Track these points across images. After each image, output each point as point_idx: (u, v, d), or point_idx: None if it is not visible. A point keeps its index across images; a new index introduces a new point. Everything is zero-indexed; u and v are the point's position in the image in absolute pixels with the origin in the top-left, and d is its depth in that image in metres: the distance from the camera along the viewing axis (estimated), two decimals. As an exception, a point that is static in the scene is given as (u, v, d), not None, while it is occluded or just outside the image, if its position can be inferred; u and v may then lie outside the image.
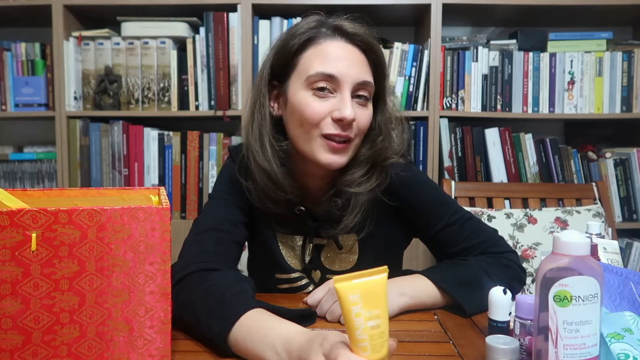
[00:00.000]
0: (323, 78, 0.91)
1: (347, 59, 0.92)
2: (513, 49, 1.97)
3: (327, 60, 0.91)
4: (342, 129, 0.92)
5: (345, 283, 0.52)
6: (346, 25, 0.93)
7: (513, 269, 1.00)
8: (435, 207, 1.03)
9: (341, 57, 0.92)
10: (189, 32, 1.98)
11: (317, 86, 0.91)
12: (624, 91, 1.96)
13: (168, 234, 0.66)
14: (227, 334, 0.72)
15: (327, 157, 0.93)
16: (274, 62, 0.96)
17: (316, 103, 0.91)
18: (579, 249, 0.59)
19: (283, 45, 0.95)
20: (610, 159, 2.00)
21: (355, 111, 0.92)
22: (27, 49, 2.01)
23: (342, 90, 0.91)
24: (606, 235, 1.62)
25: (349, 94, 0.91)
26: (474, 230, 1.03)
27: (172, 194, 1.97)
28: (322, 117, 0.91)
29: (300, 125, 0.93)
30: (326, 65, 0.91)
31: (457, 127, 1.96)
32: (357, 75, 0.92)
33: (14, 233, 0.61)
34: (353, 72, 0.92)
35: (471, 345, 0.77)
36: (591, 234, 0.96)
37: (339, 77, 0.91)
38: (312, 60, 0.92)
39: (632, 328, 0.65)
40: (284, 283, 1.06)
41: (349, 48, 0.93)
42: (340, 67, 0.91)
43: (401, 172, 1.01)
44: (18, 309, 0.62)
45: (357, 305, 0.52)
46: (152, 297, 0.66)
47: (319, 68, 0.91)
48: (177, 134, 1.97)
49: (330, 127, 0.91)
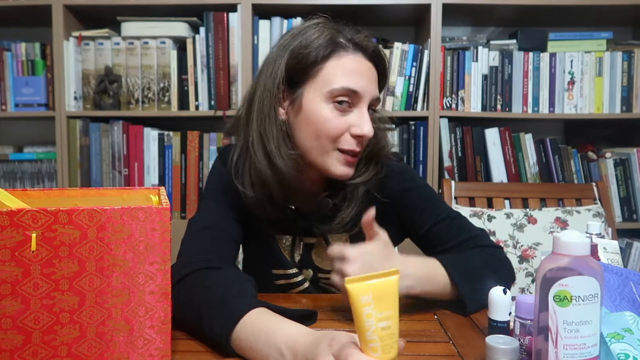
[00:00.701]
0: (346, 93, 0.92)
1: (367, 75, 0.94)
2: (513, 49, 1.97)
3: (351, 76, 0.92)
4: (359, 145, 0.94)
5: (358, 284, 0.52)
6: (363, 41, 0.95)
7: (506, 263, 1.02)
8: (425, 204, 1.05)
9: (363, 73, 0.94)
10: (189, 32, 1.98)
11: (338, 100, 0.92)
12: (624, 91, 1.96)
13: (168, 234, 0.66)
14: (230, 334, 0.72)
15: (341, 169, 0.94)
16: (290, 67, 0.94)
17: (337, 118, 0.92)
18: (579, 249, 0.59)
19: (301, 52, 0.93)
20: (610, 159, 2.00)
21: None
22: (27, 49, 2.01)
23: (361, 106, 0.93)
24: (606, 235, 1.62)
25: (367, 109, 0.94)
26: (462, 228, 1.04)
27: (172, 194, 1.97)
28: (342, 132, 0.92)
29: (316, 137, 0.93)
30: (350, 81, 0.92)
31: (457, 127, 1.96)
32: (373, 92, 0.95)
33: (14, 233, 0.61)
34: (371, 89, 0.94)
35: (471, 345, 0.77)
36: (591, 234, 0.96)
37: (361, 93, 0.92)
38: (335, 74, 0.92)
39: (632, 328, 0.65)
40: (281, 279, 1.06)
41: (368, 65, 0.95)
42: (362, 83, 0.93)
43: (393, 168, 1.03)
44: (18, 309, 0.62)
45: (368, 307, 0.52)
46: (152, 297, 0.66)
47: (343, 82, 0.91)
48: (177, 134, 1.97)
49: (348, 142, 0.93)
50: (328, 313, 0.90)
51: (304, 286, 1.07)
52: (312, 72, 0.93)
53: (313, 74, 0.93)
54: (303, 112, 0.93)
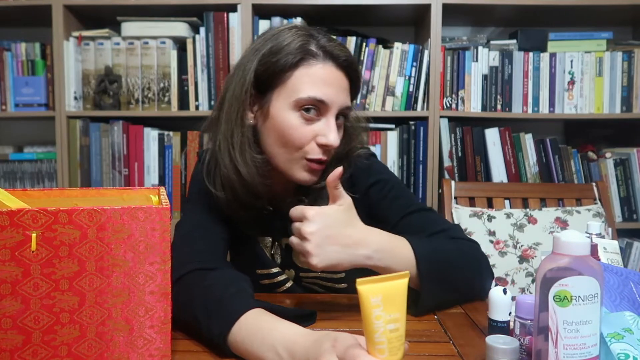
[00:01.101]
0: (313, 102, 0.91)
1: (336, 85, 0.93)
2: (513, 49, 1.97)
3: (319, 85, 0.91)
4: (324, 154, 0.93)
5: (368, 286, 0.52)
6: (335, 49, 0.93)
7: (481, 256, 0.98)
8: (394, 197, 1.03)
9: (331, 82, 0.92)
10: (189, 32, 1.98)
11: (305, 108, 0.91)
12: (624, 91, 1.96)
13: (168, 234, 0.66)
14: (227, 335, 0.72)
15: (305, 176, 0.94)
16: (259, 72, 0.93)
17: (303, 127, 0.91)
18: (579, 249, 0.59)
19: (270, 58, 0.92)
20: (610, 159, 2.00)
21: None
22: (27, 49, 2.01)
23: (328, 115, 0.92)
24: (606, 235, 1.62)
25: (334, 119, 0.92)
26: (435, 220, 1.02)
27: (172, 194, 1.97)
28: (307, 141, 0.92)
29: (282, 144, 0.93)
30: (318, 90, 0.90)
31: (457, 127, 1.96)
32: (342, 101, 0.93)
33: (14, 233, 0.61)
34: (340, 98, 0.93)
35: (471, 345, 0.77)
36: (591, 234, 0.96)
37: (328, 103, 0.91)
38: (303, 82, 0.91)
39: (632, 328, 0.65)
40: (265, 278, 1.06)
41: (338, 74, 0.93)
42: (330, 92, 0.91)
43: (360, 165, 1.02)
44: (18, 309, 0.62)
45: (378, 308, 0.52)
46: (152, 297, 0.66)
47: (310, 92, 0.90)
48: (177, 134, 1.97)
49: (314, 151, 0.92)
50: (327, 313, 0.90)
51: (287, 286, 1.06)
52: (280, 79, 0.92)
53: (281, 81, 0.92)
54: (270, 118, 0.93)
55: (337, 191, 0.84)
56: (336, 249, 0.82)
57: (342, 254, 0.82)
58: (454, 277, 0.91)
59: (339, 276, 1.06)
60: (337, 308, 0.94)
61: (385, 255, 0.85)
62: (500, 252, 1.68)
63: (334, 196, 0.85)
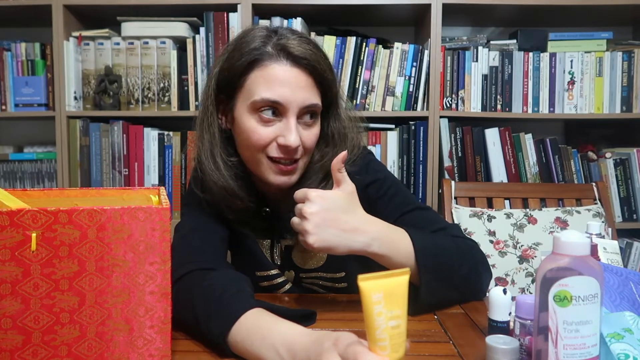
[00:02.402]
0: (268, 104, 0.90)
1: (292, 83, 0.90)
2: (513, 49, 1.97)
3: (272, 86, 0.89)
4: (288, 154, 0.92)
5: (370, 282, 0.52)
6: (291, 46, 0.90)
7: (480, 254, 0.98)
8: (391, 195, 1.02)
9: (286, 82, 0.90)
10: (189, 32, 1.98)
11: (262, 111, 0.90)
12: (624, 91, 1.96)
13: (168, 234, 0.66)
14: (227, 335, 0.72)
15: (276, 178, 0.94)
16: (220, 79, 0.94)
17: (261, 129, 0.91)
18: (579, 249, 0.59)
19: (228, 63, 0.93)
20: (610, 159, 2.00)
21: (301, 133, 0.92)
22: (27, 49, 2.01)
23: (288, 116, 0.90)
24: (606, 235, 1.62)
25: (294, 119, 0.91)
26: (433, 219, 1.01)
27: (172, 194, 1.97)
28: (267, 143, 0.92)
29: (246, 148, 0.94)
30: (271, 91, 0.89)
31: (457, 127, 1.96)
32: (302, 100, 0.91)
33: (14, 233, 0.61)
34: (299, 97, 0.90)
35: (471, 345, 0.77)
36: (591, 234, 0.96)
37: (284, 104, 0.90)
38: (258, 84, 0.90)
39: (632, 328, 0.65)
40: (264, 280, 1.06)
41: (294, 72, 0.90)
42: (285, 93, 0.89)
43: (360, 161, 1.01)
44: (18, 309, 0.62)
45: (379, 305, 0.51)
46: (152, 297, 0.66)
47: (264, 94, 0.89)
48: (177, 134, 1.97)
49: (276, 151, 0.92)
50: (327, 313, 0.90)
51: (285, 287, 1.06)
52: (239, 83, 0.92)
53: (240, 84, 0.92)
54: (235, 123, 0.94)
55: (340, 175, 0.84)
56: (334, 232, 0.81)
57: (340, 238, 0.82)
58: (453, 272, 0.90)
59: (339, 275, 1.06)
60: (337, 308, 0.94)
61: (383, 244, 0.85)
62: (500, 252, 1.68)
63: (338, 180, 0.84)
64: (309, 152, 0.96)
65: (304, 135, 0.93)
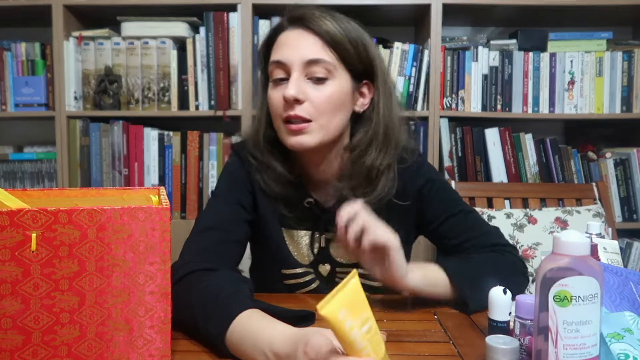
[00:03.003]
0: (275, 66, 0.95)
1: (294, 44, 0.95)
2: (513, 49, 1.97)
3: (278, 50, 0.96)
4: (290, 108, 0.94)
5: (329, 306, 0.51)
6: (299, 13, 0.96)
7: (517, 265, 1.01)
8: (440, 198, 1.06)
9: (289, 43, 0.95)
10: (189, 32, 1.98)
11: (274, 77, 0.96)
12: (624, 91, 1.96)
13: (168, 234, 0.66)
14: (224, 337, 0.72)
15: (289, 139, 0.96)
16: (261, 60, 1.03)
17: (274, 92, 0.96)
18: (579, 249, 0.59)
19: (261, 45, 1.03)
20: (610, 159, 2.00)
21: (308, 91, 0.94)
22: (27, 49, 2.01)
23: (292, 72, 0.94)
24: (606, 235, 1.62)
25: (298, 74, 0.94)
26: (475, 223, 1.05)
27: (172, 194, 1.97)
28: (279, 103, 0.95)
29: (273, 117, 0.98)
30: (275, 54, 0.96)
31: (457, 127, 1.96)
32: (303, 54, 0.93)
33: (14, 233, 0.61)
34: (299, 52, 0.94)
35: (471, 345, 0.77)
36: (591, 234, 0.96)
37: (286, 62, 0.94)
38: (272, 54, 0.97)
39: (632, 328, 0.65)
40: (290, 278, 1.05)
41: (298, 32, 0.95)
42: (286, 52, 0.94)
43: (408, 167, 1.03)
44: (18, 309, 0.62)
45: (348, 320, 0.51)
46: (152, 297, 0.66)
47: (272, 58, 0.96)
48: (177, 134, 1.97)
49: (284, 109, 0.95)
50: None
51: (312, 286, 1.06)
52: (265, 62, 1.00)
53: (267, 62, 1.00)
54: None
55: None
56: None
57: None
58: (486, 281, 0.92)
59: None
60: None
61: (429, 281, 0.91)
62: (500, 252, 1.68)
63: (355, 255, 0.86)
64: (323, 113, 0.95)
65: (312, 94, 0.94)
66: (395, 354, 0.74)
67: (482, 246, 1.02)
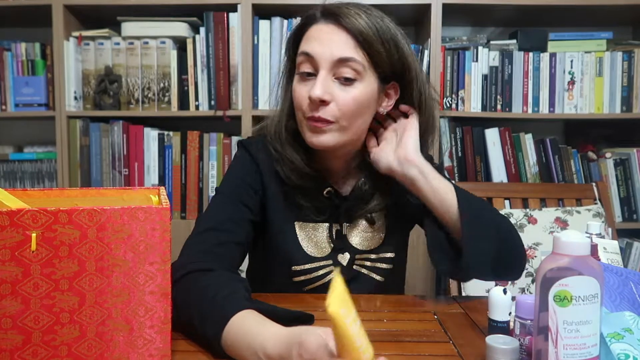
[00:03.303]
0: (304, 59, 0.93)
1: (325, 39, 0.92)
2: (513, 49, 1.97)
3: (310, 42, 0.93)
4: (314, 108, 0.92)
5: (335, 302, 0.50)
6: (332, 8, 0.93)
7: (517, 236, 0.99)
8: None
9: (320, 38, 0.93)
10: (189, 32, 1.98)
11: (301, 70, 0.94)
12: (624, 91, 1.96)
13: (168, 234, 0.66)
14: (220, 338, 0.71)
15: (310, 136, 0.95)
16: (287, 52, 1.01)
17: (299, 87, 0.94)
18: (579, 249, 0.59)
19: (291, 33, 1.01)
20: (610, 159, 2.00)
21: (334, 92, 0.92)
22: (27, 49, 2.01)
23: (320, 70, 0.92)
24: (606, 235, 1.62)
25: (326, 73, 0.92)
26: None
27: (172, 194, 1.97)
28: (303, 100, 0.94)
29: (296, 110, 0.97)
30: (305, 46, 0.93)
31: (457, 127, 1.96)
32: (333, 52, 0.91)
33: (14, 233, 0.61)
34: (329, 50, 0.91)
35: (471, 345, 0.77)
36: (591, 234, 0.96)
37: (315, 56, 0.92)
38: (302, 44, 0.95)
39: (632, 328, 0.65)
40: (300, 275, 1.03)
41: (330, 28, 0.92)
42: (316, 47, 0.92)
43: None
44: (18, 309, 0.62)
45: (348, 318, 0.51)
46: (152, 297, 0.66)
47: (301, 48, 0.95)
48: (177, 134, 1.97)
49: (309, 109, 0.93)
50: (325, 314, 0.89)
51: (322, 281, 1.04)
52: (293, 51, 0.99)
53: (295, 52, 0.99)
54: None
55: None
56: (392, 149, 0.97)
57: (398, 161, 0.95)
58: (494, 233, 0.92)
59: (389, 255, 1.06)
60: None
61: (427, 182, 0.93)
62: (500, 252, 1.68)
63: None
64: (347, 115, 0.93)
65: (339, 95, 0.92)
66: (395, 354, 0.74)
67: None
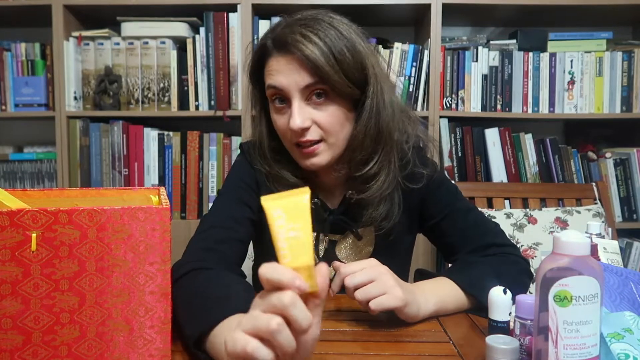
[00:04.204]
0: (273, 92, 0.94)
1: (285, 70, 0.93)
2: (513, 49, 1.97)
3: (272, 75, 0.94)
4: (301, 136, 0.94)
5: (271, 202, 0.57)
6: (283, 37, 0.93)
7: (521, 264, 1.01)
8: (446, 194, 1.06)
9: (280, 70, 0.93)
10: (189, 32, 1.98)
11: (274, 101, 0.96)
12: (624, 91, 1.96)
13: (168, 234, 0.66)
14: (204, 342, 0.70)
15: (304, 161, 0.97)
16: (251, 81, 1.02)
17: (279, 119, 0.96)
18: (579, 249, 0.59)
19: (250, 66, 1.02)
20: (610, 159, 2.00)
21: (313, 115, 0.93)
22: (27, 49, 2.01)
23: (292, 99, 0.93)
24: (606, 235, 1.62)
25: (298, 102, 0.92)
26: (476, 221, 1.05)
27: (172, 194, 1.97)
28: (286, 130, 0.95)
29: (282, 138, 0.99)
30: (270, 80, 0.94)
31: (457, 127, 1.96)
32: (297, 82, 0.91)
33: (14, 233, 0.61)
34: (294, 79, 0.92)
35: (471, 345, 0.77)
36: (591, 234, 0.96)
37: (283, 88, 0.93)
38: (266, 77, 0.96)
39: (632, 328, 0.65)
40: None
41: (287, 59, 0.93)
42: (281, 78, 0.92)
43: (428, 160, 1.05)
44: (18, 309, 0.62)
45: (280, 219, 0.56)
46: (152, 297, 0.66)
47: (267, 82, 0.95)
48: (177, 134, 1.97)
49: (294, 135, 0.94)
50: (328, 314, 0.89)
51: None
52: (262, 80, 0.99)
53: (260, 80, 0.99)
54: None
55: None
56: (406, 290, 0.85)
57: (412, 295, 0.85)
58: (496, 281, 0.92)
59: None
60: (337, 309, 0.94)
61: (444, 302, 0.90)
62: (500, 252, 1.68)
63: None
64: (331, 132, 0.94)
65: (317, 116, 0.93)
66: (395, 354, 0.74)
67: (481, 246, 1.01)
